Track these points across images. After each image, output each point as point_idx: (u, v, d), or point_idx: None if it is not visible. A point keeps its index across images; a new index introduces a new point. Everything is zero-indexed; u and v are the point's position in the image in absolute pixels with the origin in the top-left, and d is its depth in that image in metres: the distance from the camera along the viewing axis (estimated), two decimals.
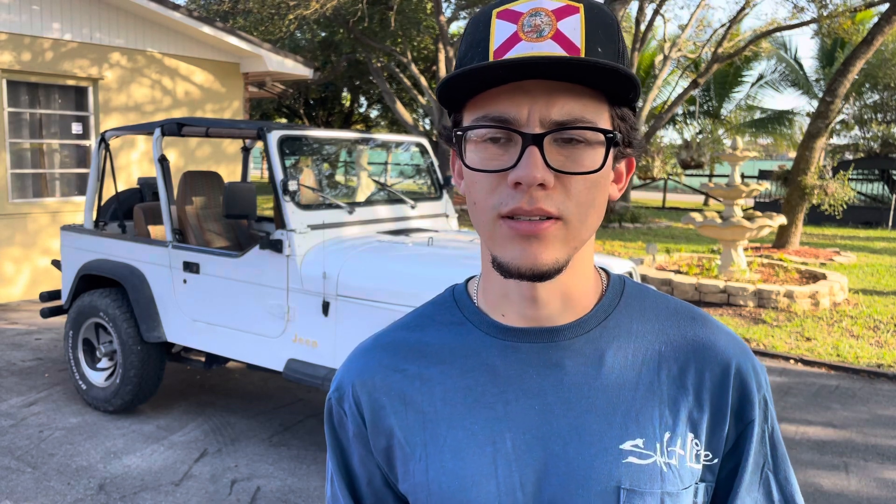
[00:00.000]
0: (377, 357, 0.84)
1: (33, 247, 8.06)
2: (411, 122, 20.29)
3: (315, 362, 3.80)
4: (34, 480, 3.75)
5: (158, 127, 4.48)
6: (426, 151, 5.00)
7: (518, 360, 0.77)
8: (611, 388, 0.76)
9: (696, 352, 0.78)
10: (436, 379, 0.80)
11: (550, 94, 0.68)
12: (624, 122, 0.73)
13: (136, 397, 4.51)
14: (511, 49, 0.68)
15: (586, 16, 0.69)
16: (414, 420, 0.79)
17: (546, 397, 0.76)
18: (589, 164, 0.70)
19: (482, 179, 0.71)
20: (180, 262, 4.33)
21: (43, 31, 7.92)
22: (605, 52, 0.69)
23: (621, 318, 0.80)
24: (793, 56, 20.88)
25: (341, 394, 0.85)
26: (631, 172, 0.79)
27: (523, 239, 0.69)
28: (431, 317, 0.85)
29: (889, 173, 18.64)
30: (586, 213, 0.71)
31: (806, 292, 7.74)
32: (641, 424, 0.75)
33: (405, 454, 0.79)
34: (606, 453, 0.74)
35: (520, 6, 0.70)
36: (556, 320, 0.78)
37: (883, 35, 10.58)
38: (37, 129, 8.16)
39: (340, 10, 17.08)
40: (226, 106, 9.80)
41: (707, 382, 0.77)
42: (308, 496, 3.64)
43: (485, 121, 0.70)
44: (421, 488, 0.78)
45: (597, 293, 0.81)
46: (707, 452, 0.77)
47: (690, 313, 0.82)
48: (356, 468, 0.85)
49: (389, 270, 3.62)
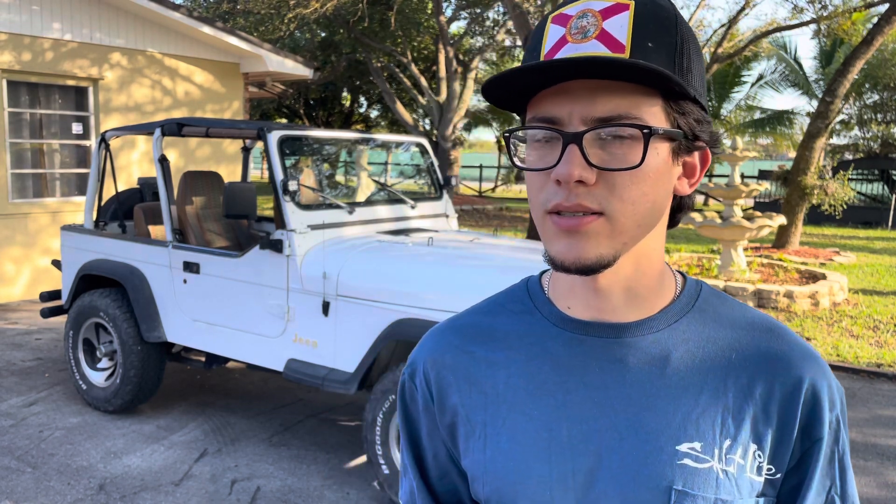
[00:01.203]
0: (449, 338, 0.87)
1: (33, 247, 8.06)
2: (411, 122, 20.28)
3: (315, 362, 3.80)
4: (34, 480, 3.75)
5: (158, 127, 4.48)
6: (426, 151, 5.00)
7: (582, 352, 0.79)
8: (673, 389, 0.76)
9: (769, 364, 0.77)
10: (501, 363, 0.82)
11: (593, 93, 0.69)
12: (684, 116, 0.73)
13: (136, 397, 4.51)
14: (558, 52, 0.71)
15: (636, 11, 0.70)
16: (477, 399, 0.82)
17: (607, 391, 0.77)
18: (630, 159, 0.70)
19: (533, 178, 0.74)
20: (180, 262, 4.33)
21: (43, 31, 7.92)
22: (657, 47, 0.70)
23: (692, 323, 0.80)
24: (793, 56, 20.87)
25: (413, 369, 0.89)
26: (706, 166, 0.79)
27: (566, 234, 0.71)
28: (503, 304, 0.88)
29: (889, 173, 18.64)
30: (635, 209, 0.71)
31: (806, 292, 7.74)
32: (701, 429, 0.75)
33: (467, 431, 0.83)
34: (662, 452, 0.74)
35: (571, 9, 0.72)
36: (622, 316, 0.78)
37: (883, 35, 10.58)
38: (37, 129, 8.16)
39: (340, 10, 17.07)
40: (226, 106, 9.80)
41: (776, 395, 0.76)
42: (308, 496, 3.64)
43: (534, 121, 0.73)
44: (478, 465, 0.81)
45: (669, 295, 0.81)
46: (770, 466, 0.76)
47: (768, 325, 0.81)
48: (424, 441, 0.89)
49: (389, 270, 3.62)
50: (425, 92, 19.70)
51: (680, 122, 0.73)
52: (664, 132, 0.71)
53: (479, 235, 4.51)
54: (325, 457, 4.11)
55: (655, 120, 0.71)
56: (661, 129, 0.70)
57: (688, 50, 0.73)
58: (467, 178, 31.34)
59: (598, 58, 0.65)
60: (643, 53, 0.69)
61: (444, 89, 19.54)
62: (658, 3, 0.72)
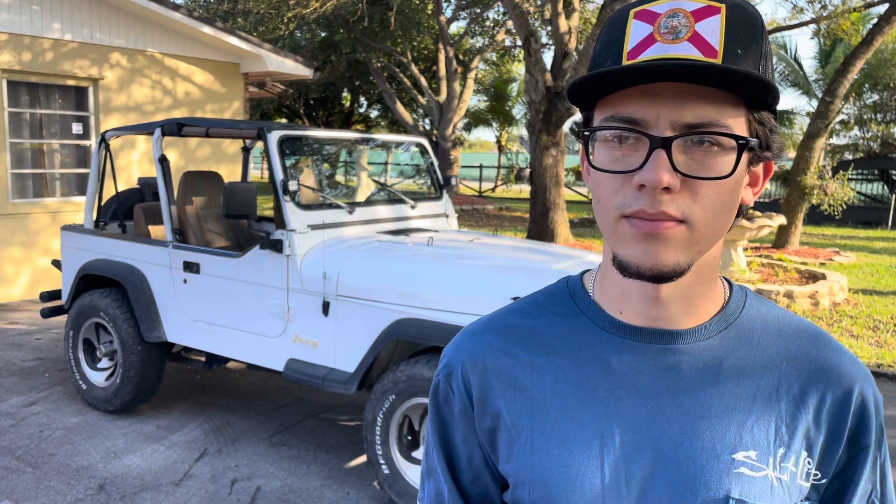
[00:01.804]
0: (488, 339, 0.85)
1: (34, 247, 8.06)
2: (411, 122, 20.28)
3: (315, 362, 3.80)
4: (34, 480, 3.75)
5: (158, 127, 4.48)
6: (426, 151, 5.00)
7: (634, 358, 0.77)
8: (727, 397, 0.76)
9: (820, 372, 0.78)
10: (546, 367, 0.81)
11: (682, 97, 0.67)
12: (762, 127, 0.72)
13: (136, 397, 4.51)
14: (645, 50, 0.68)
15: (728, 16, 0.68)
16: (522, 404, 0.80)
17: (660, 399, 0.76)
18: (719, 169, 0.68)
19: (607, 179, 0.71)
20: (180, 262, 4.33)
21: (43, 31, 7.93)
22: (745, 54, 0.68)
23: (742, 330, 0.79)
24: (793, 56, 20.87)
25: (450, 371, 0.86)
26: (768, 176, 0.78)
27: (644, 238, 0.69)
28: (544, 306, 0.85)
29: (889, 173, 18.64)
30: (714, 219, 0.70)
31: (805, 292, 7.74)
32: (756, 437, 0.75)
33: (511, 437, 0.81)
34: (718, 461, 0.73)
35: (658, 6, 0.69)
36: (677, 323, 0.77)
37: (883, 35, 10.58)
38: (37, 129, 8.16)
39: (340, 9, 17.08)
40: (226, 106, 9.80)
41: (828, 404, 0.77)
42: (308, 496, 3.64)
43: (613, 121, 0.70)
44: (524, 471, 0.79)
45: (720, 301, 0.80)
46: (817, 472, 0.77)
47: (814, 333, 0.81)
48: (458, 444, 0.86)
49: (389, 270, 3.62)
50: (425, 92, 19.70)
51: (758, 131, 0.72)
52: (753, 144, 0.69)
53: (479, 235, 4.51)
54: (325, 457, 4.11)
55: (739, 128, 0.69)
56: (753, 141, 0.69)
57: (770, 58, 0.72)
58: (467, 178, 31.34)
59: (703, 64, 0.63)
60: (733, 59, 0.67)
61: (444, 89, 19.54)
62: (746, 8, 0.70)
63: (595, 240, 12.65)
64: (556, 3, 10.55)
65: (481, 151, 60.95)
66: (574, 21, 11.07)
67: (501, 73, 27.15)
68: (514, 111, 29.22)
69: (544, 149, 10.80)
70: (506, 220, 17.17)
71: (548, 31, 16.64)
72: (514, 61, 25.19)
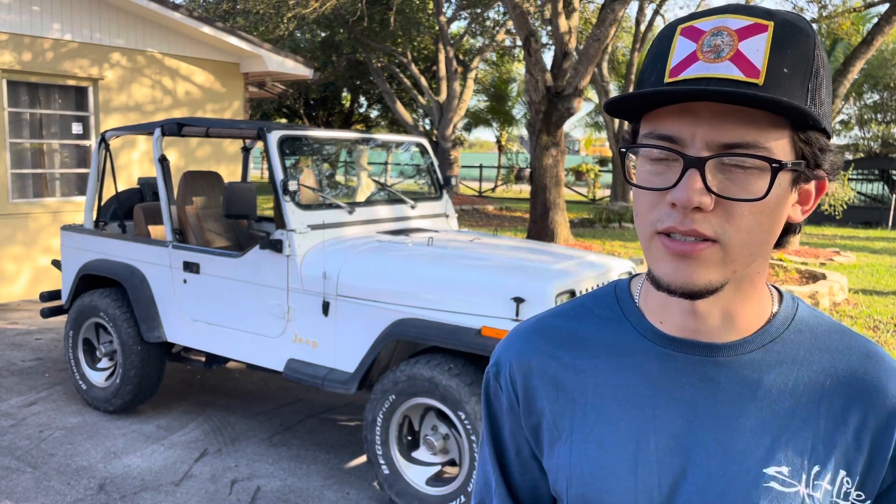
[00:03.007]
0: (535, 341, 0.87)
1: (34, 247, 8.06)
2: (411, 122, 20.29)
3: (315, 362, 3.80)
4: (34, 480, 3.75)
5: (158, 127, 4.48)
6: (426, 151, 5.00)
7: (673, 368, 0.78)
8: (764, 411, 0.75)
9: (864, 391, 0.76)
10: (588, 371, 0.83)
11: (720, 117, 0.67)
12: (809, 146, 0.70)
13: (136, 397, 4.51)
14: (687, 69, 0.68)
15: (775, 34, 0.67)
16: (564, 406, 0.83)
17: (697, 409, 0.77)
18: (754, 190, 0.68)
19: (645, 194, 0.72)
20: (180, 262, 4.33)
21: (43, 31, 7.93)
22: (792, 73, 0.67)
23: (788, 345, 0.78)
24: None
25: (498, 369, 0.89)
26: (822, 194, 0.76)
27: (676, 258, 0.69)
28: (590, 309, 0.87)
29: (889, 173, 18.65)
30: (750, 239, 0.69)
31: (806, 292, 7.74)
32: (790, 453, 0.74)
33: (552, 436, 0.84)
34: (748, 474, 0.74)
35: (704, 24, 0.69)
36: (717, 336, 0.77)
37: (883, 35, 10.58)
38: (37, 129, 8.16)
39: (340, 9, 17.08)
40: (226, 106, 9.81)
41: (870, 423, 0.75)
42: (308, 496, 3.64)
43: (651, 137, 0.71)
44: (563, 470, 0.82)
45: (766, 314, 0.80)
46: (859, 493, 0.76)
47: (865, 349, 0.79)
48: (506, 438, 0.90)
49: (389, 270, 3.62)
50: (425, 92, 19.70)
51: (805, 151, 0.70)
52: (791, 165, 0.69)
53: (479, 235, 4.51)
54: (325, 457, 4.11)
55: (781, 149, 0.68)
56: (789, 164, 0.68)
57: (822, 76, 0.70)
58: (467, 178, 31.35)
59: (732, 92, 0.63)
60: (777, 80, 0.66)
61: (444, 89, 19.54)
62: (797, 25, 0.69)
63: (595, 240, 12.65)
64: (556, 3, 10.55)
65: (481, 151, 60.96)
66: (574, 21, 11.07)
67: (501, 73, 27.15)
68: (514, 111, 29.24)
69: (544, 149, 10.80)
70: (506, 220, 17.17)
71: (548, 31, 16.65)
72: (514, 61, 25.18)
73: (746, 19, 0.68)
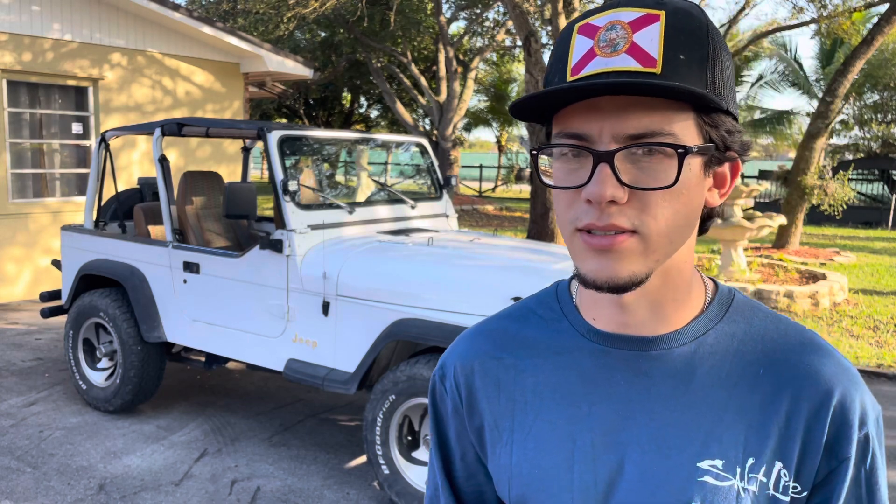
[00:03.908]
0: (478, 343, 0.88)
1: (34, 247, 8.06)
2: (411, 122, 20.28)
3: (315, 362, 3.80)
4: (34, 480, 3.75)
5: (158, 127, 4.48)
6: (426, 151, 5.00)
7: (607, 364, 0.78)
8: (698, 404, 0.75)
9: (798, 379, 0.75)
10: (528, 371, 0.83)
11: (623, 110, 0.67)
12: (716, 129, 0.71)
13: (136, 397, 4.51)
14: (587, 66, 0.68)
15: (667, 22, 0.67)
16: (505, 406, 0.83)
17: (630, 404, 0.76)
18: (664, 178, 0.68)
19: (560, 194, 0.72)
20: (180, 262, 4.33)
21: (43, 31, 7.93)
22: (688, 60, 0.68)
23: (721, 336, 0.78)
24: (793, 56, 20.87)
25: (444, 372, 0.90)
26: (737, 175, 0.77)
27: (598, 253, 0.70)
28: (533, 310, 0.87)
29: (889, 173, 18.65)
30: (668, 226, 0.70)
31: (806, 292, 7.74)
32: (724, 445, 0.74)
33: (494, 437, 0.84)
34: (682, 468, 0.73)
35: (598, 20, 0.69)
36: (649, 330, 0.77)
37: (883, 35, 10.58)
38: (37, 129, 8.16)
39: (340, 10, 17.08)
40: (226, 106, 9.80)
41: (803, 412, 0.74)
42: (308, 496, 3.64)
43: (561, 137, 0.71)
44: (504, 471, 0.82)
45: (698, 305, 0.79)
46: (796, 485, 0.74)
47: (801, 337, 0.77)
48: (452, 442, 0.90)
49: (389, 270, 3.62)
50: (425, 92, 19.70)
51: (712, 134, 0.71)
52: (698, 149, 0.69)
53: (479, 235, 4.51)
54: (325, 457, 4.11)
55: (688, 134, 0.69)
56: (695, 147, 0.68)
57: (720, 59, 0.70)
58: (467, 178, 31.34)
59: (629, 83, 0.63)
60: (674, 67, 0.67)
61: (444, 89, 19.54)
62: (689, 11, 0.69)
63: None
64: (556, 3, 10.56)
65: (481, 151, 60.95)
66: None
67: (501, 73, 27.15)
68: None
69: None
70: (506, 220, 17.17)
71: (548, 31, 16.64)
72: (514, 61, 25.18)
73: (638, 11, 0.68)
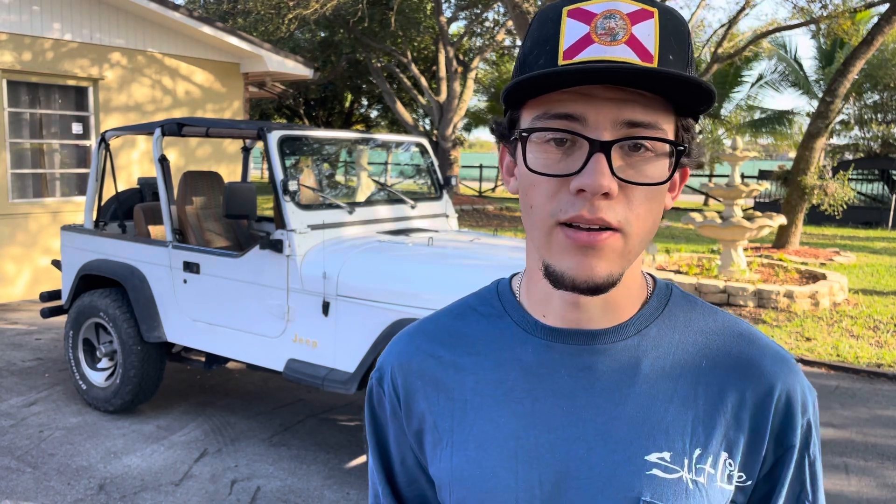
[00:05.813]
0: (417, 341, 0.85)
1: (34, 247, 8.06)
2: (411, 122, 20.29)
3: (315, 362, 3.80)
4: (34, 480, 3.75)
5: (158, 127, 4.48)
6: (426, 151, 5.00)
7: (551, 359, 0.76)
8: (643, 397, 0.74)
9: (739, 370, 0.75)
10: (468, 369, 0.80)
11: (620, 101, 0.66)
12: (688, 133, 0.71)
13: (136, 397, 4.51)
14: (582, 51, 0.66)
15: (660, 21, 0.67)
16: (445, 406, 0.80)
17: (576, 399, 0.75)
18: (654, 174, 0.67)
19: (542, 183, 0.68)
20: (180, 262, 4.33)
21: (43, 31, 7.93)
22: (675, 60, 0.67)
23: (663, 328, 0.78)
24: (793, 56, 20.87)
25: (381, 374, 0.86)
26: (685, 181, 0.77)
27: (580, 249, 0.67)
28: (473, 307, 0.85)
29: (889, 173, 18.64)
30: (645, 226, 0.69)
31: (806, 292, 7.74)
32: (671, 438, 0.73)
33: (434, 439, 0.81)
34: (630, 463, 0.72)
35: (593, 6, 0.67)
36: (595, 324, 0.76)
37: (883, 35, 10.58)
38: (37, 129, 8.16)
39: (340, 10, 17.08)
40: (226, 106, 9.80)
41: (748, 402, 0.74)
42: (308, 496, 3.64)
43: (546, 118, 0.67)
44: (445, 473, 0.79)
45: (640, 299, 0.79)
46: (741, 474, 0.75)
47: (738, 329, 0.79)
48: (391, 447, 0.87)
49: (389, 270, 3.62)
50: (425, 92, 19.71)
51: (685, 138, 0.71)
52: (686, 150, 0.68)
53: (479, 235, 4.51)
54: (325, 457, 4.11)
55: (671, 135, 0.69)
56: (685, 147, 0.68)
57: (694, 63, 0.71)
58: (467, 178, 31.34)
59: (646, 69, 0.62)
60: (667, 65, 0.67)
61: (444, 89, 19.54)
62: (675, 14, 0.69)
63: None
64: None
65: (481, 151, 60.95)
66: None
67: (501, 73, 27.14)
68: None
69: None
70: (506, 220, 17.17)
71: None
72: (514, 61, 25.16)
73: (635, 4, 0.67)
